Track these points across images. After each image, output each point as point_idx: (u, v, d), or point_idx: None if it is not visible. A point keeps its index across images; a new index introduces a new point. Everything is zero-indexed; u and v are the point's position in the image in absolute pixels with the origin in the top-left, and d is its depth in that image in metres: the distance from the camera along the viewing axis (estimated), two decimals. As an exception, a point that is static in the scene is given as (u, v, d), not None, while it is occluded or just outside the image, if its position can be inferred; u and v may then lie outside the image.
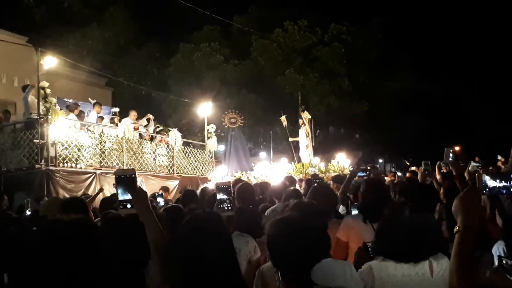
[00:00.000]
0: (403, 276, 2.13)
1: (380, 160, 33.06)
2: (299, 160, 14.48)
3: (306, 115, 14.62)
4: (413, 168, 11.33)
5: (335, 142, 26.10)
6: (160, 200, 6.21)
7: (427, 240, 2.15)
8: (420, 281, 2.12)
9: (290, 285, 1.83)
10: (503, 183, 1.96)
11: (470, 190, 1.81)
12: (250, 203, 4.06)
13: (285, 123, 15.55)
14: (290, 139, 15.80)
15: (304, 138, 14.52)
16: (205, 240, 1.80)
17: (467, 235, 1.69)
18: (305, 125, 14.50)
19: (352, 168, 7.63)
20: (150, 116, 14.82)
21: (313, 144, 15.10)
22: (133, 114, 13.60)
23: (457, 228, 1.71)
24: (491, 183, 2.00)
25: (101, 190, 7.92)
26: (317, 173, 11.20)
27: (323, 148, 21.46)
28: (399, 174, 7.05)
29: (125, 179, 2.14)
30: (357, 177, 5.40)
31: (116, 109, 13.85)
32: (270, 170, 12.95)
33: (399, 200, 3.28)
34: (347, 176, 5.04)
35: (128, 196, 2.11)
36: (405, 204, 2.26)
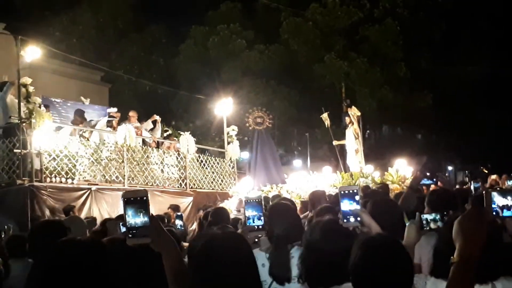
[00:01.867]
0: None
1: (450, 168, 32.48)
2: (346, 169, 14.36)
3: (354, 112, 14.48)
4: (494, 176, 11.09)
5: (391, 145, 25.79)
6: (179, 223, 6.30)
7: (491, 261, 2.31)
8: None
9: None
10: None
11: (474, 211, 1.87)
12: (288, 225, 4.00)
13: (327, 122, 15.46)
14: (335, 143, 15.69)
15: (352, 140, 14.39)
16: (222, 267, 1.91)
17: (464, 268, 1.75)
18: (353, 124, 14.37)
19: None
20: (157, 117, 15.00)
21: (363, 148, 14.96)
22: (132, 115, 13.75)
23: (453, 258, 1.78)
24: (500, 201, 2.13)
25: None
26: (370, 184, 11.09)
27: (375, 153, 21.25)
28: (475, 185, 6.91)
29: (136, 202, 2.18)
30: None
31: (113, 109, 14.09)
32: (309, 183, 12.88)
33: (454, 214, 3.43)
34: (409, 184, 5.00)
35: (139, 222, 2.14)
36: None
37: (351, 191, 2.91)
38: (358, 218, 2.88)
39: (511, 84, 27.20)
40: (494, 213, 2.21)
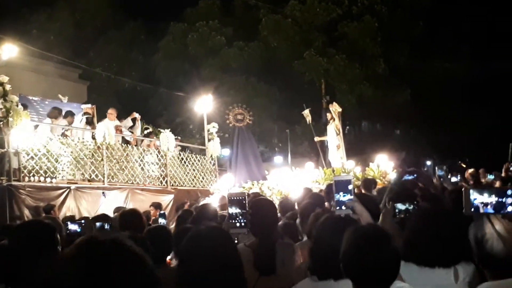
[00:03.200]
0: (426, 280, 2.68)
1: (428, 163, 32.74)
2: (328, 165, 14.45)
3: (335, 108, 14.55)
4: (470, 170, 11.26)
5: (370, 141, 25.97)
6: (162, 221, 6.27)
7: (453, 247, 2.69)
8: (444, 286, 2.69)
9: None
10: (495, 199, 2.26)
11: None
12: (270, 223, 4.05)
13: (309, 118, 15.51)
14: (316, 139, 15.76)
15: (334, 136, 14.46)
16: (207, 261, 2.00)
17: None
18: (334, 120, 14.44)
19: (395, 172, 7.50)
20: (136, 115, 14.92)
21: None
22: (111, 112, 13.60)
23: None
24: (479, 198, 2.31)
25: None
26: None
27: (354, 148, 21.36)
28: (454, 179, 7.01)
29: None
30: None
31: (87, 105, 13.93)
32: (291, 179, 12.89)
33: (427, 206, 3.71)
34: (391, 182, 5.12)
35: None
36: (435, 211, 2.88)
37: (345, 180, 3.07)
38: (351, 206, 3.05)
39: (488, 79, 27.66)
40: (473, 209, 2.34)
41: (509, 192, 2.35)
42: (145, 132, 15.65)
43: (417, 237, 2.84)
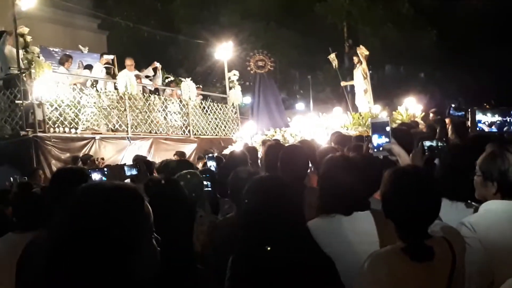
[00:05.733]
0: (459, 215, 2.71)
1: (453, 105, 32.31)
2: (355, 110, 14.30)
3: (362, 51, 14.27)
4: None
5: (394, 84, 25.60)
6: (212, 164, 6.08)
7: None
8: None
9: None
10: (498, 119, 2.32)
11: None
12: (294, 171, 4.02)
13: (335, 62, 15.28)
14: (343, 83, 15.59)
15: (361, 81, 14.26)
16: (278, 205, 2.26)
17: None
18: (361, 64, 14.21)
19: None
20: (157, 64, 14.84)
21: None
22: (129, 63, 13.45)
23: None
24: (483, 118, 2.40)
25: None
26: None
27: (378, 92, 21.05)
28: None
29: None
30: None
31: (110, 56, 13.87)
32: (317, 125, 12.79)
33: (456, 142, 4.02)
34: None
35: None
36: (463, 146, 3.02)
37: (382, 122, 3.15)
38: (388, 148, 3.12)
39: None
40: (478, 129, 2.49)
41: None
42: (166, 81, 15.61)
43: (448, 172, 2.87)
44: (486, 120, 2.57)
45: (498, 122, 2.56)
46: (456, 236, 2.35)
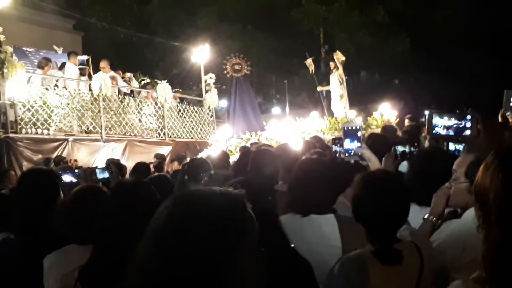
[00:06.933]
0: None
1: (426, 112, 32.77)
2: (331, 115, 14.41)
3: (339, 56, 14.38)
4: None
5: (369, 90, 25.87)
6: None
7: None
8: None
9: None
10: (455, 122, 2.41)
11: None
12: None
13: (311, 67, 15.37)
14: (319, 88, 15.70)
15: (337, 86, 14.35)
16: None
17: None
18: (338, 69, 14.32)
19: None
20: (129, 75, 14.83)
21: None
22: (103, 66, 13.22)
23: None
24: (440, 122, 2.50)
25: None
26: None
27: (353, 98, 21.28)
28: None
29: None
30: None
31: (84, 57, 13.71)
32: (294, 129, 12.82)
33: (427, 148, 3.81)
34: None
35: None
36: (434, 151, 3.06)
37: (354, 128, 3.23)
38: (359, 153, 3.16)
39: (490, 27, 27.28)
40: (434, 131, 2.55)
41: (468, 117, 2.52)
42: (142, 83, 15.52)
43: (418, 177, 2.89)
44: (442, 123, 2.64)
45: (454, 125, 2.62)
46: (425, 241, 2.39)
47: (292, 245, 2.22)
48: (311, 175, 2.79)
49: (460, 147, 2.85)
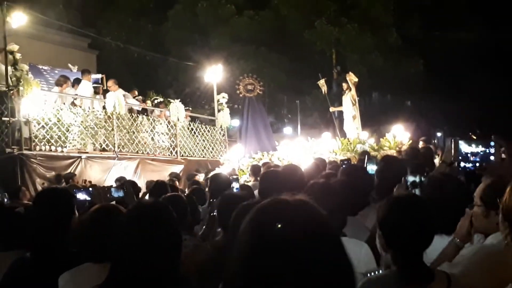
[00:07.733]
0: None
1: (439, 134, 32.68)
2: (343, 135, 14.39)
3: (351, 78, 14.45)
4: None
5: (381, 112, 25.82)
6: (235, 185, 5.83)
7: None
8: None
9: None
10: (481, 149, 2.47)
11: None
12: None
13: (324, 88, 15.42)
14: (331, 109, 15.71)
15: (350, 107, 14.37)
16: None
17: None
18: (350, 90, 14.36)
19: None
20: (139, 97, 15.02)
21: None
22: (110, 85, 13.21)
23: None
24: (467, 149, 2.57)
25: None
26: (368, 150, 11.18)
27: (365, 119, 21.28)
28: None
29: None
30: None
31: (99, 76, 13.81)
32: (305, 149, 12.80)
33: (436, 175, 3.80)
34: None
35: None
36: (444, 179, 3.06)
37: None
38: None
39: (501, 49, 27.21)
40: (461, 157, 2.58)
41: (491, 143, 2.58)
42: (155, 102, 15.62)
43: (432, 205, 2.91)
44: (470, 150, 2.68)
45: (481, 152, 2.65)
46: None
47: None
48: (318, 202, 2.75)
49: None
